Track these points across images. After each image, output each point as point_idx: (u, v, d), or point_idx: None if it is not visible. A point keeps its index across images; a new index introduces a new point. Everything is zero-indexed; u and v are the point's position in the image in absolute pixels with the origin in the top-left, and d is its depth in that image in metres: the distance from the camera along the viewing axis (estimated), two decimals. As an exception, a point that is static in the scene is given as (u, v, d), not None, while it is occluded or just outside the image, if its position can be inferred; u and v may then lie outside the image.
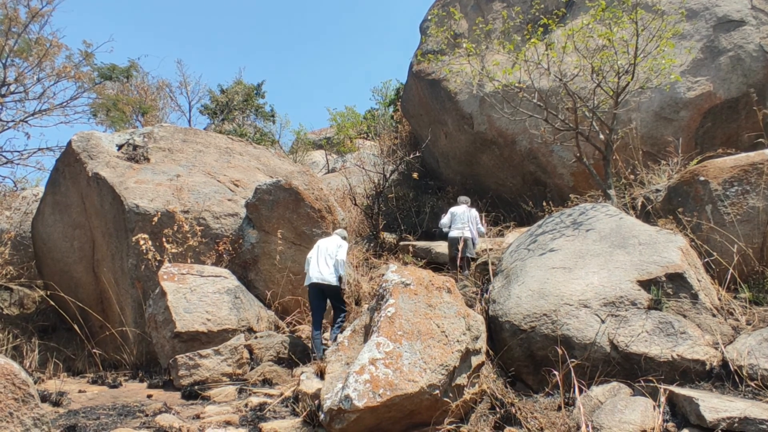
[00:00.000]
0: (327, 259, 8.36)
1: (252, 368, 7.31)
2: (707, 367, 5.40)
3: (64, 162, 10.27)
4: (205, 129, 20.79)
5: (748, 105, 10.69)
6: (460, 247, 10.34)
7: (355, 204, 15.74)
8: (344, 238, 8.99)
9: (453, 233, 10.69)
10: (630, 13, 9.18)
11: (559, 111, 10.24)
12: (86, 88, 15.91)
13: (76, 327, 8.61)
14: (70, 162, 10.03)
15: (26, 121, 14.44)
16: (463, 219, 10.80)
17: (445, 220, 10.96)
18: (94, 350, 8.43)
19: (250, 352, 7.50)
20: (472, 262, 10.51)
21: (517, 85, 10.07)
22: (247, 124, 24.43)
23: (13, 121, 14.18)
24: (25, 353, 8.56)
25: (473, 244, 10.73)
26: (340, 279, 8.32)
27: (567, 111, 10.25)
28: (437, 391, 4.88)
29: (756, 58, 11.05)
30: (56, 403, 6.20)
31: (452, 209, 11.13)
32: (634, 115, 11.49)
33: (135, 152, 10.24)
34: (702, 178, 7.77)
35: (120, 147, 10.40)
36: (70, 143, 10.07)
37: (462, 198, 11.52)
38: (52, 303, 9.32)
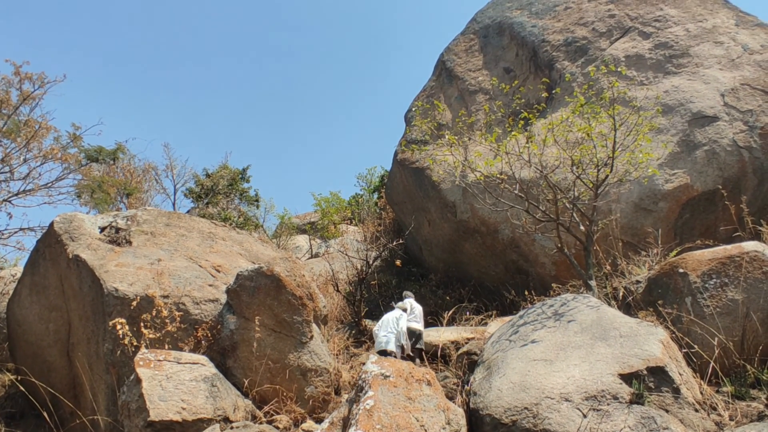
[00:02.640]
0: (389, 329, 10.40)
1: (226, 460, 7.08)
2: (691, 466, 5.31)
3: (44, 243, 10.21)
4: (188, 212, 20.86)
5: (724, 197, 10.93)
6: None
7: (338, 290, 15.66)
8: (404, 310, 11.16)
9: (412, 325, 11.08)
10: (608, 108, 9.48)
11: (540, 202, 10.40)
12: (72, 170, 16.03)
13: (45, 414, 8.34)
14: (51, 243, 9.96)
15: (9, 201, 14.45)
16: (418, 312, 11.58)
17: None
18: (63, 439, 8.15)
19: (225, 443, 7.28)
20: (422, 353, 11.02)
21: (498, 175, 10.27)
22: (231, 208, 24.52)
23: (-4, 200, 14.18)
24: (-10, 441, 8.26)
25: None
26: (402, 347, 10.31)
27: (548, 202, 10.41)
28: (415, 489, 4.75)
29: (730, 152, 11.39)
30: (19, 497, 5.95)
31: (411, 302, 11.85)
32: (614, 206, 11.69)
33: (117, 235, 10.21)
34: (681, 271, 7.85)
35: (103, 229, 10.37)
36: (52, 224, 10.04)
37: (408, 293, 12.51)
38: (21, 388, 9.04)
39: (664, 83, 12.82)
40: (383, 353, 10.00)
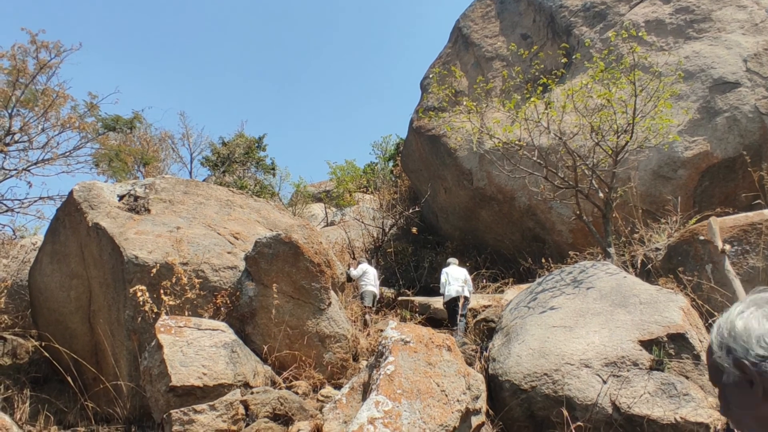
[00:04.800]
0: (459, 281, 11.55)
1: (247, 424, 7.16)
2: (711, 431, 5.31)
3: (64, 211, 10.26)
4: (205, 181, 20.91)
5: (744, 165, 10.80)
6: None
7: (354, 258, 15.70)
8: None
9: (369, 288, 12.55)
10: (628, 74, 9.34)
11: (559, 169, 10.32)
12: (90, 139, 16.05)
13: (69, 379, 8.46)
14: (71, 211, 10.02)
15: (29, 170, 14.50)
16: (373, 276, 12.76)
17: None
18: (86, 403, 8.26)
19: (246, 407, 7.35)
20: None
21: (516, 142, 10.18)
22: (247, 177, 24.55)
23: (15, 169, 14.25)
24: (15, 405, 8.40)
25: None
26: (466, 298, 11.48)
27: (566, 169, 10.33)
28: (437, 452, 4.79)
29: (752, 119, 11.21)
30: (46, 458, 6.06)
31: (366, 266, 12.99)
32: (633, 174, 11.57)
33: (136, 203, 10.25)
34: (702, 238, 7.79)
35: (121, 197, 10.41)
36: (71, 193, 10.08)
37: (362, 258, 13.70)
38: (45, 354, 9.17)
39: (684, 49, 12.58)
40: (455, 300, 11.31)
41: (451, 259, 12.66)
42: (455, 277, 11.76)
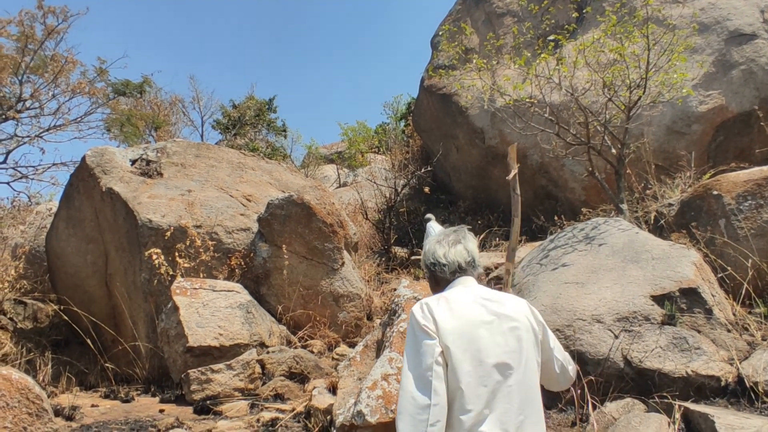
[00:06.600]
0: None
1: (264, 383, 7.29)
2: (722, 384, 5.34)
3: (78, 177, 10.34)
4: (217, 144, 20.93)
5: (760, 119, 10.65)
6: None
7: (367, 218, 15.76)
8: None
9: None
10: (641, 27, 9.17)
11: (571, 125, 10.22)
12: (100, 104, 16.09)
13: (88, 341, 8.62)
14: (84, 177, 10.09)
15: (41, 137, 14.60)
16: None
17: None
18: (106, 364, 8.44)
19: (262, 366, 7.48)
20: None
21: (528, 99, 10.07)
22: (258, 139, 24.54)
23: (28, 136, 14.35)
24: (38, 367, 8.57)
25: None
26: None
27: (578, 125, 10.23)
28: (450, 407, 4.86)
29: (768, 71, 11.02)
30: (69, 418, 6.21)
31: None
32: (646, 129, 11.46)
33: (148, 167, 10.30)
34: (715, 192, 7.73)
35: (133, 162, 10.46)
36: (84, 158, 10.14)
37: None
38: (65, 317, 9.32)
39: (700, 0, 12.32)
40: None
41: (430, 215, 12.82)
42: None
